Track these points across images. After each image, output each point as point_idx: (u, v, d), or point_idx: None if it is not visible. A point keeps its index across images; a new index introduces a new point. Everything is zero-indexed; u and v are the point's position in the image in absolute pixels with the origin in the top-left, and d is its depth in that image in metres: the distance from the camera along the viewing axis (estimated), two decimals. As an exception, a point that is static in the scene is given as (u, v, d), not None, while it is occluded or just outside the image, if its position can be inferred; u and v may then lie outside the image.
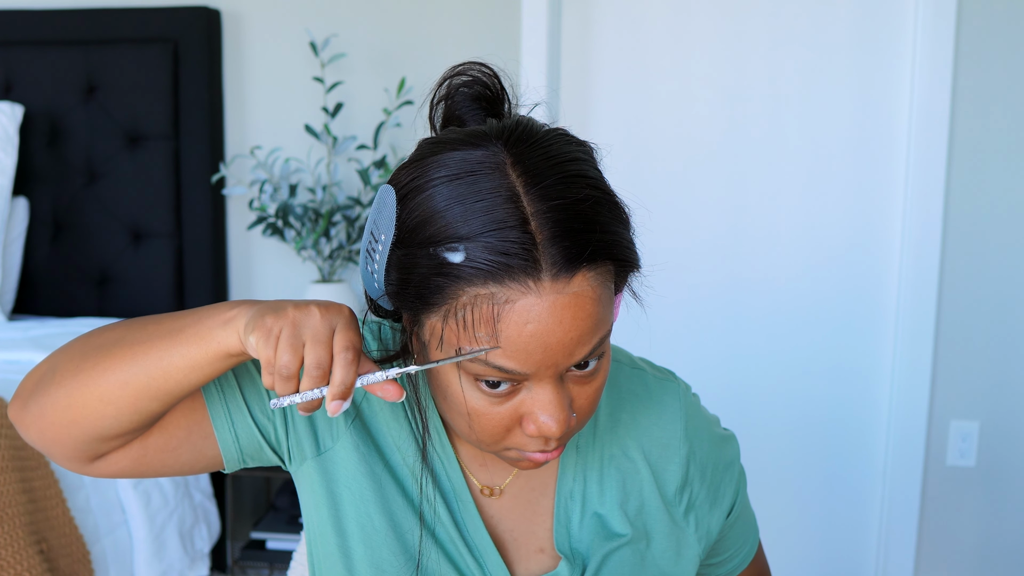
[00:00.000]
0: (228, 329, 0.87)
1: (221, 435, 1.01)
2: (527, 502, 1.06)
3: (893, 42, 2.99)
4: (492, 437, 0.91)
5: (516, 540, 1.06)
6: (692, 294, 3.16)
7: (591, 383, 0.91)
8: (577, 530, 1.05)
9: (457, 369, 0.88)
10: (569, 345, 0.84)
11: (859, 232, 3.08)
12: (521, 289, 0.82)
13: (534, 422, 0.88)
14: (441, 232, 0.83)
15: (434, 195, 0.84)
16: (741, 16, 3.05)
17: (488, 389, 0.87)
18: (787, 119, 3.07)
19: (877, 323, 3.10)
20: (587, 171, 0.87)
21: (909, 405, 3.03)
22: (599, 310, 0.86)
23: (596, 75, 3.12)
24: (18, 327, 2.81)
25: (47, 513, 2.18)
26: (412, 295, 0.87)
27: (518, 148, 0.85)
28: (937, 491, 3.09)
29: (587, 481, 1.06)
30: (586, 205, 0.84)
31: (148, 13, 3.11)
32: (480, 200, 0.82)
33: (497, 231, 0.81)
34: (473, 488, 1.05)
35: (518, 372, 0.85)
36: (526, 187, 0.83)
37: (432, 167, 0.86)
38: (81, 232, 3.17)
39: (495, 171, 0.84)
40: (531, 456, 0.92)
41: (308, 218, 2.94)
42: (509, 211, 0.82)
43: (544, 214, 0.82)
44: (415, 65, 3.12)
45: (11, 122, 2.99)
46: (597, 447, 1.07)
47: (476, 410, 0.89)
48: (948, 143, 2.93)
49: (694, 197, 3.12)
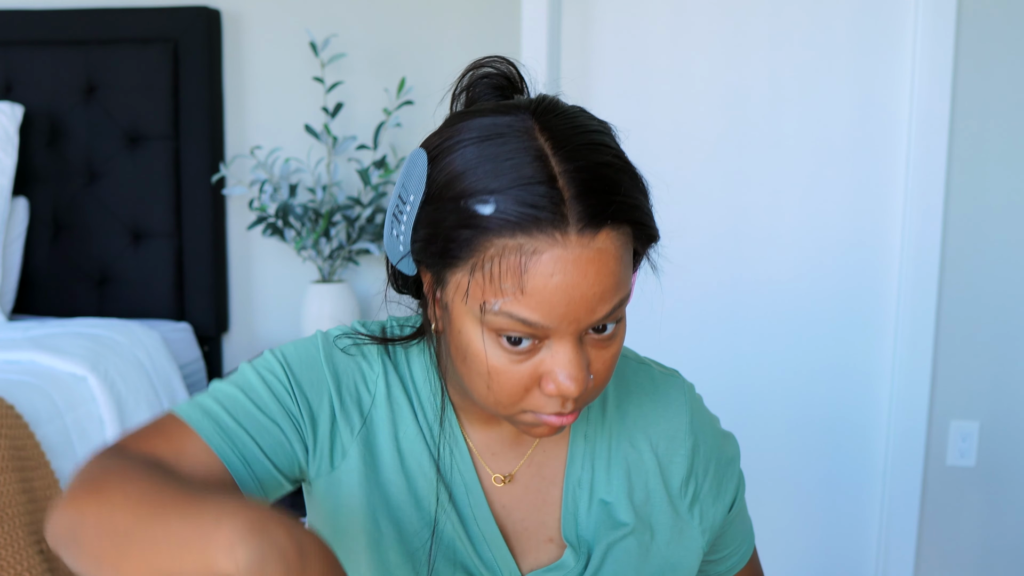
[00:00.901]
0: (228, 557, 0.83)
1: (244, 485, 0.99)
2: (537, 491, 1.07)
3: (893, 42, 2.99)
4: (510, 397, 0.92)
5: (527, 530, 1.06)
6: (692, 294, 3.16)
7: (608, 348, 0.92)
8: (584, 518, 1.06)
9: (480, 326, 0.89)
10: (592, 300, 0.86)
11: (859, 232, 3.07)
12: (548, 241, 0.84)
13: (553, 380, 0.89)
14: (471, 187, 0.86)
15: (464, 153, 0.87)
16: (741, 16, 3.05)
17: (509, 346, 0.89)
18: (787, 119, 3.06)
19: (877, 323, 3.10)
20: (609, 142, 0.90)
21: (909, 405, 3.03)
22: (620, 270, 0.88)
23: (596, 75, 3.12)
24: (18, 327, 2.80)
25: (47, 513, 2.13)
26: (439, 250, 0.88)
27: (544, 117, 0.89)
28: (937, 491, 3.09)
29: (595, 469, 1.07)
30: (610, 170, 0.87)
31: (148, 13, 3.10)
32: (509, 159, 0.86)
33: (526, 186, 0.84)
34: (484, 478, 1.06)
35: (541, 325, 0.86)
36: (553, 149, 0.86)
37: (462, 130, 0.89)
38: (81, 232, 3.17)
39: (523, 134, 0.87)
40: (547, 419, 0.93)
41: (308, 218, 2.94)
42: (537, 168, 0.85)
43: (571, 173, 0.85)
44: (415, 65, 3.11)
45: (11, 122, 2.99)
46: (605, 436, 1.09)
47: (496, 367, 0.90)
48: (948, 143, 2.93)
49: (694, 197, 3.12)
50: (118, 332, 2.77)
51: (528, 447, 1.07)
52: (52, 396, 2.38)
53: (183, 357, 3.06)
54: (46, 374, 2.44)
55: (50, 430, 2.30)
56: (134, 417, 2.60)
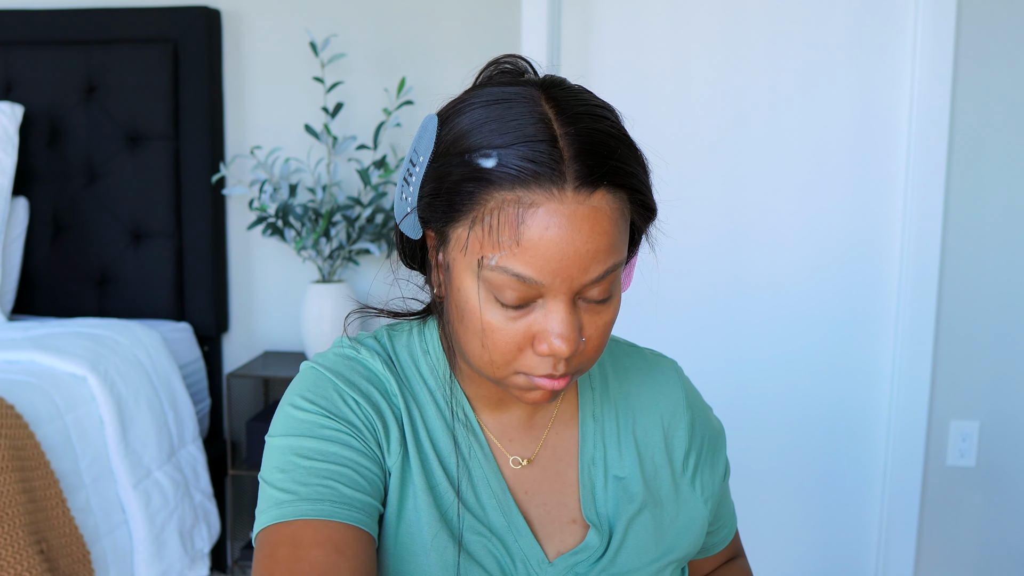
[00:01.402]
0: None
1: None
2: (555, 473, 1.09)
3: (893, 41, 2.98)
4: (503, 356, 0.94)
5: (550, 513, 1.08)
6: (692, 293, 3.16)
7: (601, 314, 0.95)
8: (602, 496, 1.09)
9: (477, 282, 0.92)
10: (585, 258, 0.89)
11: (859, 231, 3.07)
12: (546, 195, 0.88)
13: (545, 340, 0.92)
14: (477, 143, 0.90)
15: (473, 114, 0.92)
16: (741, 15, 3.05)
17: (504, 303, 0.92)
18: (787, 119, 3.06)
19: (877, 323, 3.10)
20: (610, 116, 0.94)
21: (909, 405, 3.03)
22: (615, 232, 0.91)
23: (596, 75, 3.11)
24: (18, 327, 2.80)
25: (47, 513, 2.17)
26: (443, 204, 0.92)
27: (551, 89, 0.94)
28: (937, 491, 3.09)
29: (607, 447, 1.11)
30: (608, 136, 0.91)
31: (148, 13, 3.10)
32: (515, 120, 0.90)
33: (529, 143, 0.88)
34: (503, 465, 1.07)
35: (535, 280, 0.89)
36: (556, 114, 0.90)
37: (473, 96, 0.95)
38: (81, 232, 3.17)
39: (530, 100, 0.92)
40: (539, 382, 0.95)
41: (308, 218, 2.94)
42: (540, 129, 0.89)
43: (571, 135, 0.89)
44: (415, 65, 3.11)
45: (11, 122, 2.99)
46: (612, 414, 1.12)
47: (491, 325, 0.93)
48: (948, 142, 2.92)
49: (693, 196, 3.12)
50: (118, 332, 2.77)
51: (543, 430, 1.10)
52: (52, 396, 2.38)
53: (183, 357, 3.06)
54: (46, 374, 2.44)
55: (50, 430, 2.30)
56: (134, 417, 2.60)
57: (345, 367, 1.05)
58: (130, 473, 2.53)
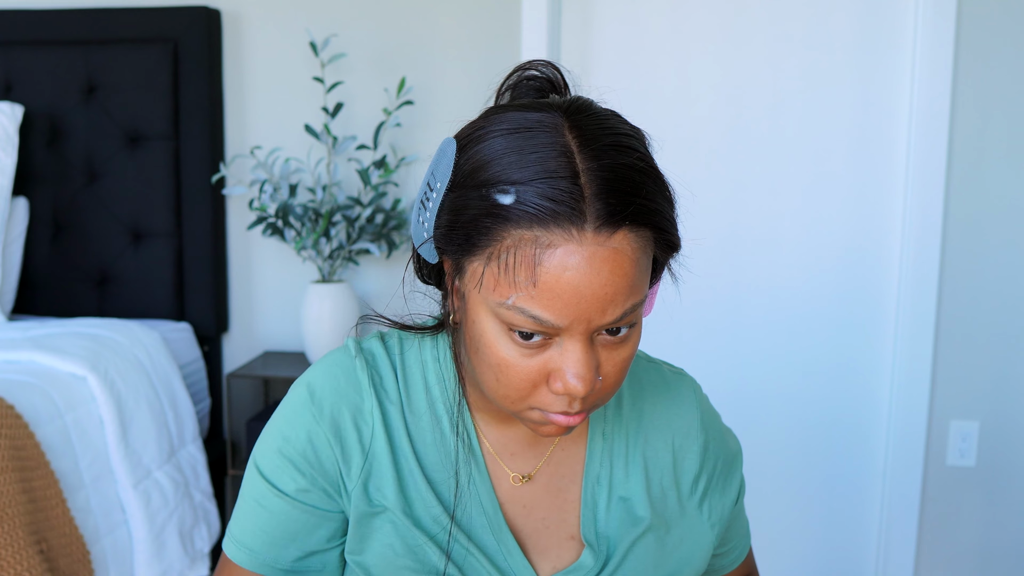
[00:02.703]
0: None
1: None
2: (557, 489, 1.07)
3: (893, 42, 2.98)
4: (518, 392, 0.92)
5: (548, 528, 1.06)
6: (692, 296, 3.15)
7: (620, 351, 0.92)
8: (604, 515, 1.07)
9: (493, 317, 0.90)
10: (603, 300, 0.86)
11: (859, 232, 3.07)
12: (564, 236, 0.84)
13: (561, 379, 0.89)
14: (495, 176, 0.86)
15: (492, 144, 0.88)
16: (741, 17, 3.04)
17: (520, 340, 0.89)
18: (787, 119, 3.06)
19: (877, 323, 3.09)
20: (638, 147, 0.90)
21: (909, 405, 3.03)
22: (636, 273, 0.88)
23: (596, 76, 3.11)
24: (18, 327, 2.80)
25: (47, 513, 2.16)
26: (459, 237, 0.89)
27: (576, 116, 0.89)
28: (937, 491, 3.09)
29: (613, 466, 1.08)
30: (634, 172, 0.87)
31: (148, 13, 3.10)
32: (535, 152, 0.86)
33: (549, 179, 0.84)
34: (501, 480, 1.06)
35: (551, 323, 0.86)
36: (580, 147, 0.86)
37: (493, 122, 0.91)
38: (81, 232, 3.16)
39: (552, 130, 0.88)
40: (553, 418, 0.92)
41: (308, 218, 2.94)
42: (562, 164, 0.85)
43: (594, 171, 0.85)
44: (415, 65, 3.11)
45: (11, 122, 2.99)
46: (623, 433, 1.10)
47: (506, 360, 0.90)
48: (948, 143, 2.92)
49: (694, 198, 3.11)
50: (118, 332, 2.77)
51: (548, 446, 1.07)
52: (52, 396, 2.37)
53: (183, 357, 3.06)
54: (46, 374, 2.44)
55: (50, 430, 2.30)
56: (134, 417, 2.59)
57: (330, 390, 1.04)
58: (130, 473, 2.52)
